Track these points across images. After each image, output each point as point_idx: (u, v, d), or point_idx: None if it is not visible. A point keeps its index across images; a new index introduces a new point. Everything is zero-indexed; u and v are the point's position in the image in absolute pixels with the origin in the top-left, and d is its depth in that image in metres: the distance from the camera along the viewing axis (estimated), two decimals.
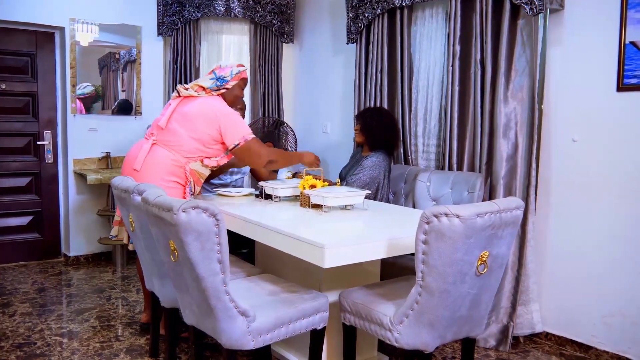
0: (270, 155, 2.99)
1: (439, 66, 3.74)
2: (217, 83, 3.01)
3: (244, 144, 2.91)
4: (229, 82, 3.03)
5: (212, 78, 3.02)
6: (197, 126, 2.90)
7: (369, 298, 2.33)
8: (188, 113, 2.93)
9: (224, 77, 3.02)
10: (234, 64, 3.08)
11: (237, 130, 2.92)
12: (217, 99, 3.00)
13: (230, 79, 3.03)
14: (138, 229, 2.58)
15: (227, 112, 2.94)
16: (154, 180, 2.82)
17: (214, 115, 2.89)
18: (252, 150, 2.94)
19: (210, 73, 3.05)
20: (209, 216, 1.95)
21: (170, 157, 2.91)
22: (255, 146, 2.95)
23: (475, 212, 1.93)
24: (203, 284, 2.01)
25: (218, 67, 3.06)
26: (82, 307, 3.64)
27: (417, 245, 2.00)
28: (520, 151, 3.14)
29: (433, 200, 3.37)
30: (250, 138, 2.92)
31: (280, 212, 2.84)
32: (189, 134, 2.90)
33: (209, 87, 3.00)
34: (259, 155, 2.95)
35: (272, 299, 2.31)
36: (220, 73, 3.02)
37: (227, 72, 3.03)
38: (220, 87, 3.02)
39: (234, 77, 3.04)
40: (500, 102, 3.17)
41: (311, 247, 2.12)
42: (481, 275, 2.08)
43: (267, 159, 2.96)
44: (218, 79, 3.01)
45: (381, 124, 3.44)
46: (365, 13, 4.03)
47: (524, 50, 3.13)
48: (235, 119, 2.95)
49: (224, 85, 3.02)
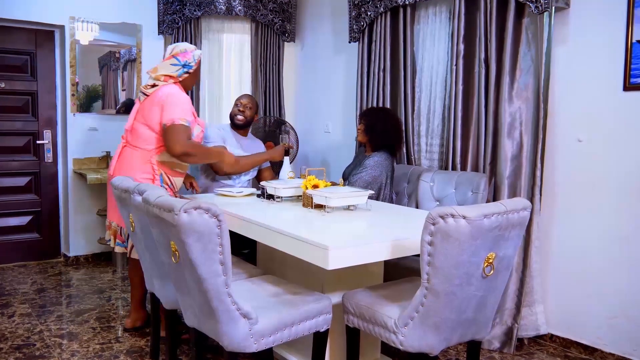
0: (187, 147, 2.89)
1: (443, 65, 3.70)
2: (184, 70, 3.02)
3: (170, 125, 2.86)
4: (192, 68, 3.05)
5: (177, 64, 3.01)
6: (148, 113, 2.95)
7: (373, 300, 2.30)
8: (144, 106, 2.98)
9: (189, 62, 3.03)
10: (191, 48, 3.08)
11: (173, 111, 2.89)
12: (171, 86, 2.99)
13: (194, 64, 3.05)
14: (138, 229, 2.54)
15: (173, 94, 2.93)
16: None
17: (160, 99, 2.92)
18: (173, 135, 2.86)
19: (170, 58, 3.03)
20: (210, 217, 1.91)
21: (136, 155, 2.96)
22: (178, 133, 2.87)
23: (482, 213, 1.90)
24: (205, 286, 1.97)
25: (178, 52, 3.03)
26: (82, 308, 3.61)
27: (422, 247, 1.97)
28: (525, 151, 3.11)
29: (436, 201, 3.34)
30: (178, 123, 2.87)
31: (282, 213, 2.80)
32: (145, 123, 2.95)
33: (176, 75, 3.01)
34: (176, 142, 2.86)
35: (275, 301, 2.27)
36: (184, 59, 3.02)
37: (190, 56, 3.04)
38: (185, 73, 3.03)
39: (197, 61, 3.07)
40: (505, 102, 3.14)
41: (315, 248, 2.09)
42: (487, 277, 2.04)
43: (183, 150, 2.87)
44: (184, 66, 3.02)
45: (386, 124, 3.41)
46: (368, 11, 3.99)
47: (528, 49, 3.10)
48: (178, 102, 2.92)
49: (188, 70, 3.04)
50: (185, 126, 2.90)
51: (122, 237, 3.04)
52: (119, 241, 3.06)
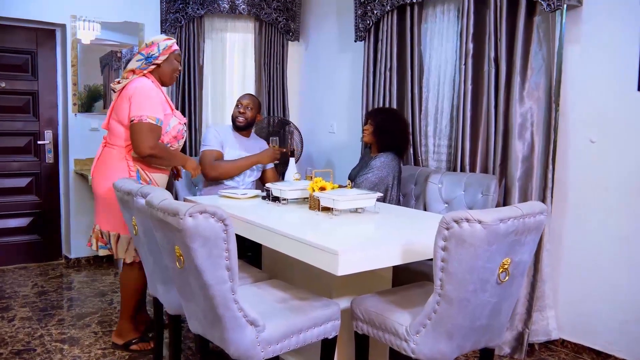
0: (152, 149, 2.79)
1: (451, 64, 3.63)
2: (147, 61, 2.92)
3: (136, 122, 2.77)
4: (158, 57, 2.94)
5: (140, 59, 2.92)
6: (118, 109, 2.87)
7: (383, 306, 2.23)
8: (116, 103, 2.91)
9: (152, 54, 2.93)
10: (160, 39, 2.97)
11: (140, 106, 2.78)
12: (140, 79, 2.90)
13: (159, 54, 2.94)
14: (141, 232, 2.48)
15: (140, 87, 2.83)
16: (101, 182, 2.88)
17: (127, 92, 2.84)
18: (138, 134, 2.77)
19: (136, 55, 2.95)
20: (217, 221, 1.85)
21: (114, 153, 2.89)
22: (144, 132, 2.77)
23: (497, 218, 1.83)
24: (210, 292, 1.91)
25: (144, 47, 2.95)
26: (83, 311, 3.54)
27: (435, 252, 1.90)
28: (536, 152, 3.04)
29: (445, 203, 3.27)
30: (146, 121, 2.77)
31: (288, 215, 2.74)
32: (117, 120, 2.88)
33: (137, 68, 2.91)
34: (141, 142, 2.76)
35: (282, 307, 2.21)
36: (148, 52, 2.92)
37: (154, 48, 2.93)
38: (150, 65, 2.93)
39: (162, 51, 2.94)
40: (516, 102, 3.07)
41: (323, 253, 2.02)
42: (502, 283, 1.98)
43: (149, 152, 2.78)
44: (147, 58, 2.92)
45: (395, 125, 3.34)
46: (374, 10, 3.92)
47: (540, 48, 3.03)
48: (145, 96, 2.82)
49: (153, 61, 2.93)
50: (153, 125, 2.80)
51: (104, 240, 2.93)
52: (102, 244, 2.94)
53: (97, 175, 2.93)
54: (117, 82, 2.94)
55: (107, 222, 2.91)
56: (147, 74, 2.94)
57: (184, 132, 3.07)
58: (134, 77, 2.90)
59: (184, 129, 3.04)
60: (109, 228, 2.90)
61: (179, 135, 3.01)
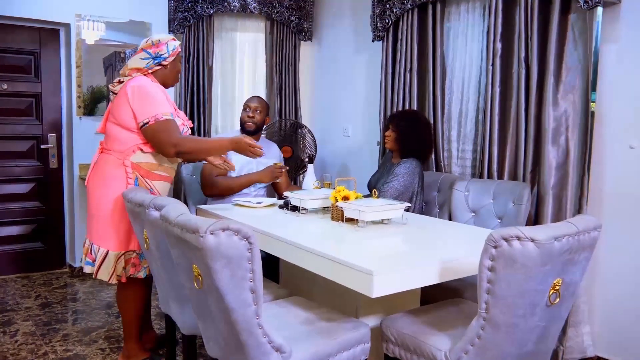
0: (177, 145, 2.56)
1: (476, 65, 3.45)
2: (154, 62, 2.69)
3: (153, 123, 2.54)
4: (167, 59, 2.71)
5: (147, 58, 2.68)
6: (117, 111, 2.62)
7: (417, 328, 2.06)
8: (114, 104, 2.67)
9: (161, 54, 2.69)
10: (167, 39, 2.74)
11: (150, 105, 2.55)
12: (138, 78, 2.66)
13: (169, 56, 2.71)
14: (154, 246, 2.30)
15: (141, 85, 2.59)
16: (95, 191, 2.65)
17: (127, 92, 2.58)
18: (161, 133, 2.55)
19: (139, 52, 2.70)
20: (241, 239, 1.67)
21: (110, 159, 2.63)
22: (165, 130, 2.55)
23: (552, 235, 1.65)
24: (233, 317, 1.73)
25: (149, 45, 2.69)
26: (90, 325, 3.37)
27: (481, 272, 1.72)
28: (571, 159, 2.86)
29: (472, 212, 3.09)
30: (162, 119, 2.55)
31: (309, 227, 2.57)
32: (116, 123, 2.62)
33: (144, 67, 2.68)
34: (165, 141, 2.55)
35: (308, 330, 2.03)
36: (156, 51, 2.69)
37: (164, 48, 2.70)
38: (157, 65, 2.71)
39: (172, 52, 2.72)
40: (549, 105, 2.89)
41: (356, 272, 1.84)
42: (552, 305, 1.80)
43: (175, 149, 2.56)
44: (155, 58, 2.68)
45: (420, 132, 3.16)
46: (394, 8, 3.74)
47: (575, 48, 2.85)
48: (150, 93, 2.58)
49: (160, 62, 2.71)
50: (170, 119, 2.59)
51: (92, 256, 2.66)
52: (89, 260, 2.67)
53: (91, 184, 2.68)
54: (118, 81, 2.71)
55: (97, 236, 2.64)
56: (149, 74, 2.72)
57: (188, 134, 2.83)
58: (131, 77, 2.67)
59: (187, 131, 2.81)
60: (99, 243, 2.63)
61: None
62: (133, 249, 2.62)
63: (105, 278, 2.61)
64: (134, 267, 2.62)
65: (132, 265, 2.62)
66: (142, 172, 2.63)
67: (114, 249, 2.60)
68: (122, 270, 2.61)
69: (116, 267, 2.60)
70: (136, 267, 2.63)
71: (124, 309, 2.73)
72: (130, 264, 2.61)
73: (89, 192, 2.69)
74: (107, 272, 2.60)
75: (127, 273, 2.61)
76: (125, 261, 2.61)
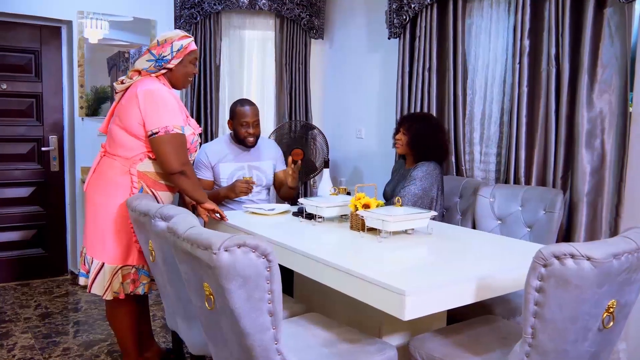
0: (186, 165, 2.41)
1: (500, 64, 3.26)
2: (157, 64, 2.46)
3: (163, 135, 2.34)
4: (170, 61, 2.47)
5: (150, 60, 2.46)
6: (124, 114, 2.41)
7: (449, 350, 1.87)
8: (119, 106, 2.46)
9: (164, 56, 2.45)
10: (174, 37, 2.47)
11: (161, 115, 2.35)
12: (148, 80, 2.45)
13: (172, 57, 2.46)
14: (160, 259, 2.12)
15: (152, 90, 2.38)
16: (95, 198, 2.48)
17: (135, 93, 2.37)
18: (168, 148, 2.35)
19: (146, 53, 2.48)
20: (258, 256, 1.49)
21: (115, 165, 2.43)
22: (174, 145, 2.37)
23: (610, 253, 1.46)
24: (248, 342, 1.55)
25: (155, 45, 2.47)
26: (92, 338, 3.19)
27: (527, 294, 1.53)
28: (607, 163, 2.67)
29: (498, 220, 2.90)
30: (172, 132, 2.35)
31: (327, 237, 2.38)
32: (122, 127, 2.42)
33: (144, 69, 2.46)
34: (173, 157, 2.36)
35: (330, 353, 1.84)
36: (159, 52, 2.45)
37: (167, 49, 2.45)
38: (161, 68, 2.48)
39: (176, 54, 2.46)
40: (582, 106, 2.70)
41: (386, 292, 1.66)
42: (605, 329, 1.61)
43: (182, 168, 2.39)
44: (157, 60, 2.45)
45: (434, 137, 2.95)
46: (412, 4, 3.56)
47: (611, 44, 2.66)
48: (164, 103, 2.38)
49: (164, 65, 2.47)
50: (181, 135, 2.39)
51: (86, 267, 2.49)
52: (83, 271, 2.51)
53: (91, 189, 2.49)
54: (121, 81, 2.49)
55: (92, 247, 2.46)
56: (159, 76, 2.51)
57: (198, 144, 2.63)
58: (140, 79, 2.46)
59: (198, 140, 2.60)
60: (94, 254, 2.45)
61: (192, 147, 2.55)
62: (131, 264, 2.43)
63: (99, 293, 2.42)
64: (133, 283, 2.44)
65: (131, 281, 2.43)
66: (149, 181, 2.44)
67: (110, 262, 2.41)
68: (120, 286, 2.41)
69: (112, 282, 2.40)
70: (135, 283, 2.44)
71: (115, 326, 2.55)
72: (129, 280, 2.43)
73: (88, 197, 2.51)
74: (101, 286, 2.41)
75: (127, 290, 2.42)
76: (123, 276, 2.41)
